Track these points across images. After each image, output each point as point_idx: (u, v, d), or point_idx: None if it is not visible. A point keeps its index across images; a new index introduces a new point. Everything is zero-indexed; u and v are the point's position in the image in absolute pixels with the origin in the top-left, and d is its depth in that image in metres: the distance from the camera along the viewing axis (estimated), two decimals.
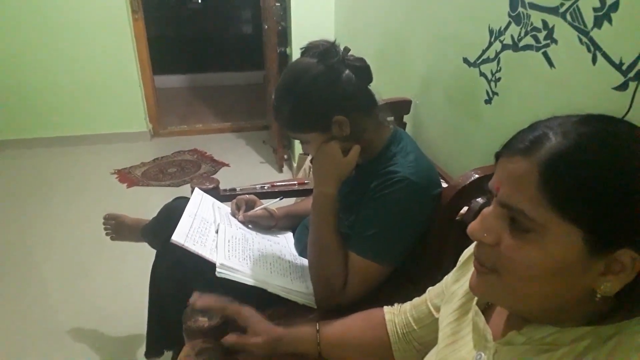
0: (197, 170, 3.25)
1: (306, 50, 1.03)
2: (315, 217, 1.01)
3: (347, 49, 1.03)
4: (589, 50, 0.80)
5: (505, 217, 0.50)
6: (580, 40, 0.82)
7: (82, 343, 1.73)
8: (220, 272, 0.95)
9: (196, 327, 0.90)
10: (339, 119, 0.98)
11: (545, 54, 0.91)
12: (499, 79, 1.08)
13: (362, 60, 1.02)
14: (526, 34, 0.96)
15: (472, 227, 0.52)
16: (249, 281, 0.96)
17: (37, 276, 2.11)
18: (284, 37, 2.85)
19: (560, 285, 0.48)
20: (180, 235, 0.98)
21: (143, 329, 1.38)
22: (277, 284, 1.00)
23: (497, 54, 1.07)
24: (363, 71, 1.02)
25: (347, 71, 0.99)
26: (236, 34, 5.54)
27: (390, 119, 1.16)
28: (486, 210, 0.52)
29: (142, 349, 1.42)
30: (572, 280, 0.47)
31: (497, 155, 0.52)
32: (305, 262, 1.14)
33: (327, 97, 0.98)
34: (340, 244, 0.99)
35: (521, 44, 0.98)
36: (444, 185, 1.05)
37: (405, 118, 1.57)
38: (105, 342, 1.74)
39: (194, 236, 1.02)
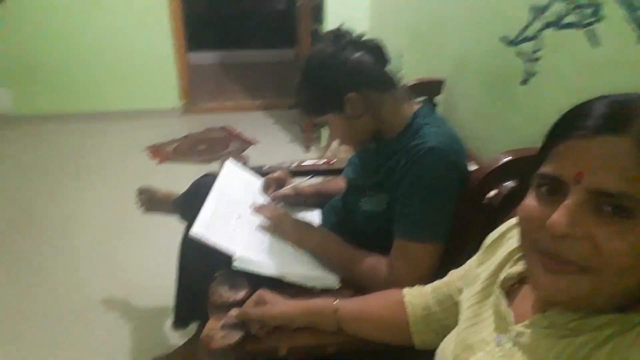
0: (226, 147, 3.29)
1: (321, 37, 1.07)
2: (323, 257, 1.08)
3: (362, 34, 1.06)
4: (638, 27, 0.76)
5: (590, 206, 0.45)
6: (628, 17, 0.77)
7: (112, 313, 1.80)
8: (236, 265, 0.96)
9: (221, 302, 0.92)
10: (350, 96, 1.00)
11: (589, 32, 0.86)
12: (538, 58, 1.03)
13: (375, 40, 1.05)
14: (571, 10, 0.91)
15: (557, 220, 0.45)
16: (266, 273, 0.98)
17: (70, 247, 2.19)
18: (318, 14, 2.81)
19: None
20: (199, 227, 0.99)
21: (170, 301, 1.43)
22: (296, 273, 1.01)
23: (538, 32, 1.02)
24: (376, 51, 1.03)
25: (359, 52, 1.01)
26: (269, 11, 5.50)
27: (422, 99, 1.14)
28: (569, 201, 0.46)
29: (169, 320, 1.47)
30: None
31: (555, 138, 0.48)
32: None
33: (337, 77, 1.01)
34: (352, 249, 1.04)
35: (564, 21, 0.94)
36: (474, 167, 1.03)
37: (437, 98, 1.53)
38: (133, 312, 1.80)
39: (214, 225, 1.03)
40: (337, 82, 1.01)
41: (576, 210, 0.45)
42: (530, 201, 0.50)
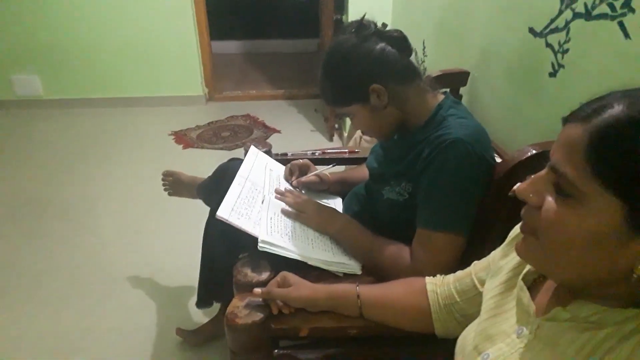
0: (250, 135, 3.33)
1: (343, 29, 1.07)
2: (345, 243, 1.10)
3: (384, 24, 1.06)
4: None
5: (552, 181, 0.50)
6: None
7: (137, 290, 1.86)
8: (262, 246, 0.98)
9: (245, 282, 0.95)
10: (375, 87, 1.00)
11: (620, 24, 0.85)
12: (567, 50, 1.02)
13: (397, 31, 1.05)
14: (601, 1, 0.90)
15: (521, 186, 0.53)
16: (290, 255, 1.00)
17: (97, 227, 2.27)
18: (341, 4, 2.81)
19: (595, 257, 0.47)
20: (225, 210, 1.02)
21: (195, 280, 1.46)
22: (318, 258, 1.02)
23: (567, 23, 1.01)
24: (399, 42, 1.03)
25: (382, 43, 1.01)
26: (292, 1, 5.48)
27: (446, 90, 1.14)
28: (539, 173, 0.52)
29: (193, 299, 1.51)
30: (608, 255, 0.46)
31: (564, 121, 0.51)
32: None
33: (362, 67, 1.01)
34: (374, 236, 1.06)
35: (595, 12, 0.92)
36: (499, 160, 1.02)
37: (462, 90, 1.52)
38: (159, 291, 1.86)
39: (239, 208, 1.06)
40: (361, 73, 1.01)
41: (539, 182, 0.51)
42: None
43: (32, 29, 3.45)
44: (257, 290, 0.88)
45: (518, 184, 0.54)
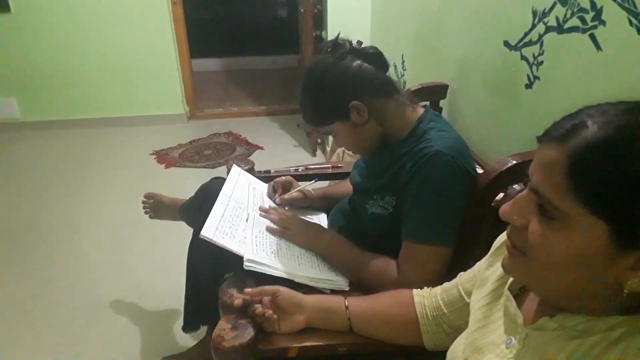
0: (232, 152, 3.31)
1: (319, 49, 1.09)
2: (332, 259, 1.09)
3: (359, 42, 1.08)
4: (639, 32, 0.77)
5: (535, 202, 0.50)
6: (630, 21, 0.78)
7: (122, 316, 1.82)
8: (247, 265, 0.98)
9: (231, 302, 0.93)
10: (355, 104, 1.02)
11: (592, 36, 0.88)
12: (541, 62, 1.04)
13: (373, 47, 1.07)
14: (572, 15, 0.93)
15: (504, 208, 0.53)
16: (277, 273, 0.99)
17: (81, 251, 2.22)
18: (320, 20, 2.84)
19: (583, 276, 0.48)
20: (209, 229, 1.01)
21: (180, 304, 1.44)
22: (305, 275, 1.02)
23: (541, 36, 1.04)
24: (375, 58, 1.05)
25: (358, 60, 1.03)
26: (272, 18, 5.54)
27: (426, 103, 1.16)
28: (521, 193, 0.52)
29: (179, 323, 1.48)
30: (596, 273, 0.47)
31: (538, 140, 0.52)
32: None
33: (340, 86, 1.03)
34: (361, 251, 1.06)
35: (566, 25, 0.95)
36: (480, 171, 1.04)
37: (441, 103, 1.54)
38: (144, 315, 1.82)
39: (224, 227, 1.05)
40: (340, 91, 1.02)
41: (521, 202, 0.51)
42: None
43: (8, 50, 3.40)
44: (248, 290, 0.89)
45: (502, 200, 0.54)
